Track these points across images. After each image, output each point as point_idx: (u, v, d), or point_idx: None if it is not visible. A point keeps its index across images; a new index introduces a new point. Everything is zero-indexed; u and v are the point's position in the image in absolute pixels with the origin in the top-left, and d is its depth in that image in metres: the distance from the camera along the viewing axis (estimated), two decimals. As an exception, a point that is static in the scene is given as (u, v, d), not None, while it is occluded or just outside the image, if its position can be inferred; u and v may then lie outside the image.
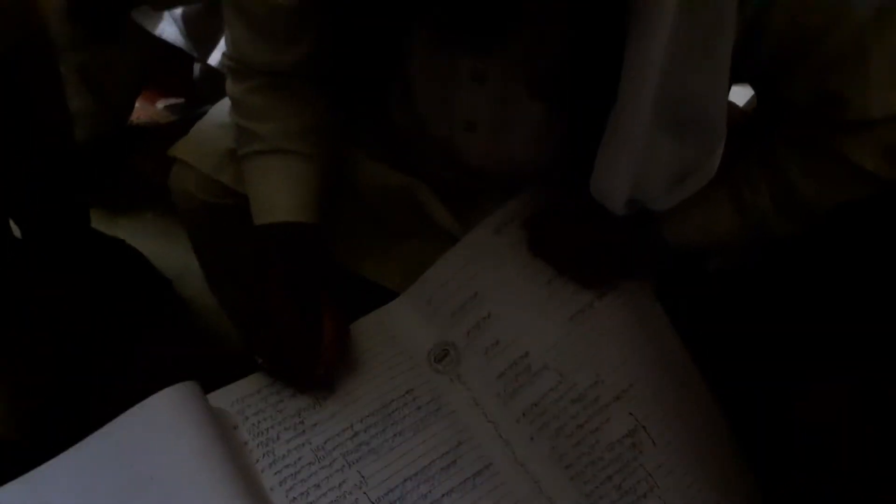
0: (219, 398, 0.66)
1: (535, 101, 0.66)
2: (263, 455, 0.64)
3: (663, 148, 0.58)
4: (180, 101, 1.41)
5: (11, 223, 1.11)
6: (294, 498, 0.62)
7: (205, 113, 0.82)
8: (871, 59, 0.57)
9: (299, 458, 0.64)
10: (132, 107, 1.26)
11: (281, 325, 0.66)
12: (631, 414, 0.67)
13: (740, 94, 0.86)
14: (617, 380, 0.68)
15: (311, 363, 0.66)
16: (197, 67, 1.08)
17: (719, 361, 0.73)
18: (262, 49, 0.68)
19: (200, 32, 1.04)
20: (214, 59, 1.03)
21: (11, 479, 0.58)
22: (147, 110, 1.42)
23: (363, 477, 0.63)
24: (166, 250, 1.27)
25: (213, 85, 1.06)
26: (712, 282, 0.76)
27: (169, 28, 1.05)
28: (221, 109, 0.78)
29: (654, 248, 0.71)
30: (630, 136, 0.58)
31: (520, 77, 0.65)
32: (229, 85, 0.72)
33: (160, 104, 1.43)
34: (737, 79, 0.66)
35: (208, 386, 0.67)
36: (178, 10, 1.04)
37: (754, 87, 0.70)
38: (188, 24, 1.04)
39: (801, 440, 0.69)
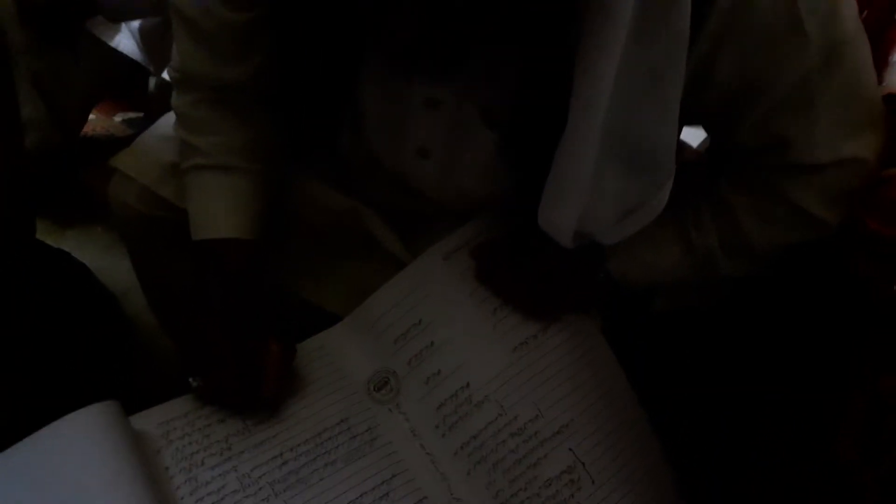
0: (143, 420, 0.64)
1: (488, 129, 0.65)
2: (185, 482, 0.61)
3: (610, 182, 0.58)
4: (139, 115, 1.39)
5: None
6: (214, 528, 0.59)
7: (153, 126, 0.81)
8: (816, 104, 0.57)
9: (223, 486, 0.61)
10: (86, 117, 1.23)
11: (219, 345, 0.64)
12: (570, 450, 0.65)
13: (693, 135, 0.87)
14: (558, 414, 0.67)
15: (251, 385, 0.64)
16: (152, 81, 1.07)
17: (663, 399, 0.73)
18: (207, 63, 0.67)
19: (157, 46, 1.03)
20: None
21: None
22: (104, 123, 1.39)
23: (290, 508, 0.61)
24: (114, 265, 1.24)
25: (167, 99, 1.04)
26: (659, 320, 0.76)
27: (126, 41, 1.03)
28: (167, 122, 0.76)
29: (601, 283, 0.71)
30: (577, 169, 0.57)
31: (473, 103, 0.64)
32: (174, 97, 0.71)
33: (118, 117, 1.40)
34: (688, 120, 0.66)
35: (138, 406, 0.65)
36: (136, 23, 1.03)
37: (705, 128, 0.70)
38: (144, 38, 1.03)
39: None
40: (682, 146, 0.79)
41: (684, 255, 0.68)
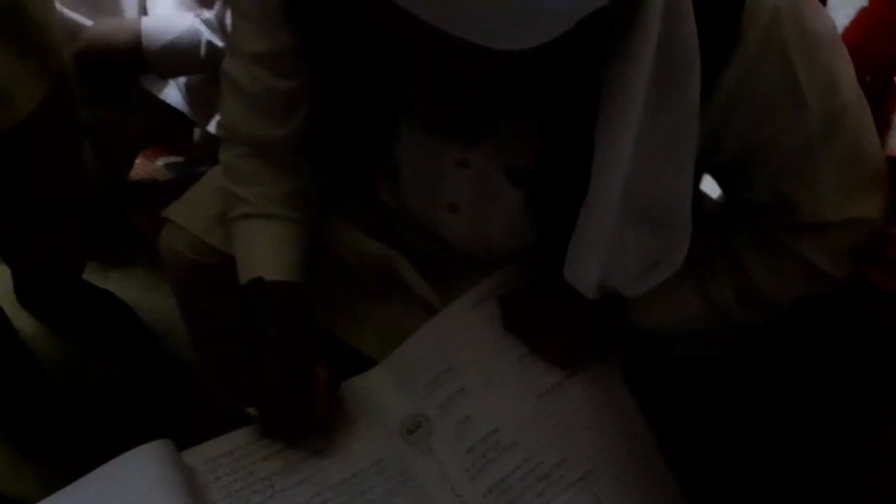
0: (192, 456, 0.68)
1: (513, 188, 0.70)
2: (232, 517, 0.65)
3: (632, 239, 0.61)
4: (180, 160, 1.46)
5: None
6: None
7: (201, 173, 0.86)
8: (820, 169, 0.61)
9: (266, 523, 0.65)
10: (132, 163, 1.30)
11: (275, 376, 0.69)
12: (594, 494, 0.68)
13: (712, 186, 0.90)
14: (582, 460, 0.70)
15: (304, 414, 0.69)
16: (197, 132, 1.13)
17: (685, 446, 0.75)
18: (252, 122, 0.72)
19: (201, 100, 1.09)
20: (212, 126, 1.07)
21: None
22: (147, 167, 1.46)
23: (328, 546, 0.64)
24: (155, 305, 1.29)
25: (210, 148, 1.10)
26: (681, 367, 0.79)
27: (173, 93, 1.10)
28: (214, 176, 0.82)
29: (623, 331, 0.74)
30: (600, 228, 0.61)
31: (500, 165, 0.68)
32: (221, 151, 0.77)
33: (160, 162, 1.47)
34: (705, 171, 0.70)
35: (183, 442, 0.69)
36: (183, 79, 1.09)
37: (718, 184, 0.74)
38: (190, 92, 1.09)
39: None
40: (702, 197, 0.82)
41: (702, 306, 0.71)
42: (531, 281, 0.77)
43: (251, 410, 0.70)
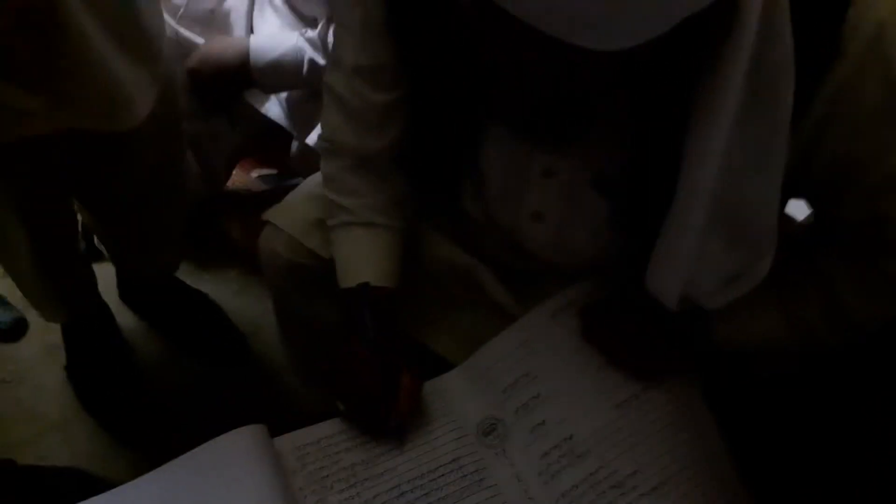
0: (282, 443, 0.72)
1: (599, 197, 0.72)
2: (316, 502, 0.68)
3: (715, 250, 0.62)
4: (273, 172, 1.53)
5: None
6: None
7: (294, 185, 0.92)
8: None
9: (349, 509, 0.68)
10: (230, 174, 1.38)
11: (368, 377, 0.73)
12: (667, 506, 0.69)
13: (798, 209, 0.90)
14: (656, 471, 0.70)
15: (388, 413, 0.72)
16: (295, 145, 1.20)
17: (760, 463, 0.75)
18: (352, 135, 0.77)
19: (301, 115, 1.16)
20: (311, 139, 1.14)
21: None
22: (242, 178, 1.54)
23: (405, 535, 0.67)
24: (245, 308, 1.36)
25: (306, 161, 1.16)
26: (760, 384, 0.78)
27: (274, 108, 1.17)
28: (312, 183, 0.87)
29: (704, 346, 0.74)
30: (684, 238, 0.62)
31: (587, 174, 0.71)
32: (323, 163, 0.81)
33: (254, 173, 1.55)
34: (792, 193, 0.70)
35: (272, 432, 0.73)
36: (284, 94, 1.17)
37: (808, 202, 0.74)
38: (291, 106, 1.16)
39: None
40: (788, 219, 0.82)
41: (785, 324, 0.71)
42: (612, 292, 0.79)
43: (340, 404, 0.74)
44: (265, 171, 1.56)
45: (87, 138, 0.88)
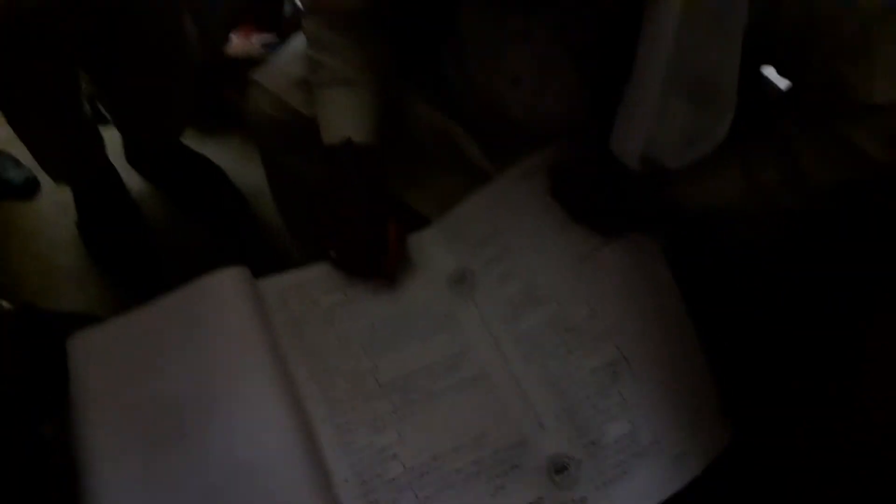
0: (265, 285, 0.78)
1: (572, 62, 0.73)
2: (292, 337, 0.75)
3: (676, 112, 0.65)
4: (273, 37, 1.53)
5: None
6: (314, 374, 0.73)
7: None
8: (876, 48, 0.62)
9: (324, 343, 0.75)
10: (227, 38, 1.39)
11: (356, 225, 0.78)
12: (617, 347, 0.75)
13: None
14: (609, 316, 0.76)
15: (379, 258, 0.78)
16: (287, 8, 1.20)
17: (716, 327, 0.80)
18: None
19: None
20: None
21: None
22: (243, 45, 1.55)
23: (376, 364, 0.74)
24: (247, 172, 1.41)
25: (298, 23, 1.17)
26: (719, 252, 0.82)
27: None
28: (297, 43, 0.89)
29: (664, 207, 0.78)
30: (645, 99, 0.65)
31: (560, 38, 0.72)
32: (303, 21, 0.83)
33: (255, 40, 1.55)
34: (759, 59, 0.72)
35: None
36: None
37: (776, 70, 0.75)
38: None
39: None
40: (766, 82, 0.83)
41: (745, 185, 0.74)
42: (579, 154, 0.82)
43: (331, 252, 0.80)
44: (266, 37, 1.56)
45: (89, 4, 0.89)
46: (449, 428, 0.71)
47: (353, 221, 0.78)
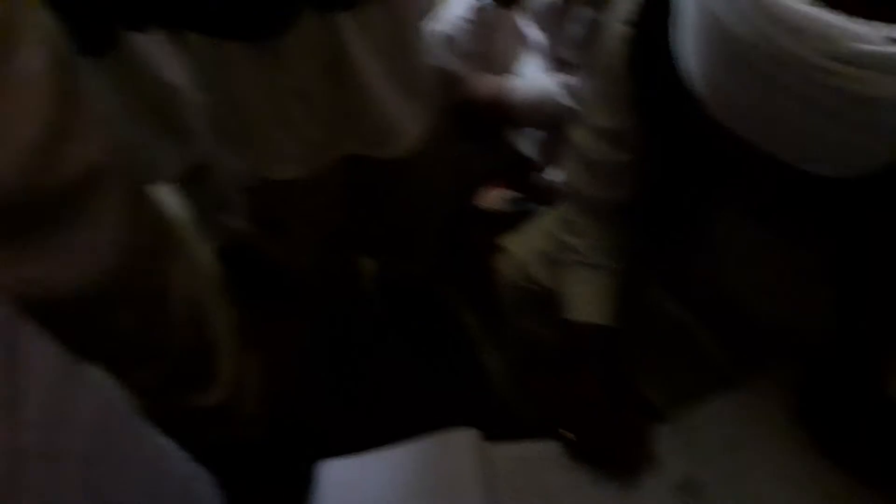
0: (494, 451, 0.81)
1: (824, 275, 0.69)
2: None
3: None
4: (521, 196, 1.65)
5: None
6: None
7: (531, 210, 1.00)
8: None
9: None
10: (476, 193, 1.52)
11: (596, 412, 0.79)
12: None
13: None
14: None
15: (616, 450, 0.78)
16: (543, 177, 1.29)
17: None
18: (592, 185, 0.84)
19: (548, 153, 1.24)
20: (552, 174, 1.22)
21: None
22: (494, 199, 1.68)
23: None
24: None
25: (548, 191, 1.24)
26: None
27: (525, 142, 1.27)
28: (547, 219, 0.96)
29: None
30: None
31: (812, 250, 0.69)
32: (562, 205, 0.90)
33: (505, 196, 1.68)
34: None
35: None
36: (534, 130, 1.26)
37: None
38: (540, 143, 1.26)
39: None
40: None
41: None
42: (830, 377, 0.76)
43: (566, 433, 0.80)
44: (514, 195, 1.67)
45: (362, 164, 1.01)
46: None
47: (595, 408, 0.79)
